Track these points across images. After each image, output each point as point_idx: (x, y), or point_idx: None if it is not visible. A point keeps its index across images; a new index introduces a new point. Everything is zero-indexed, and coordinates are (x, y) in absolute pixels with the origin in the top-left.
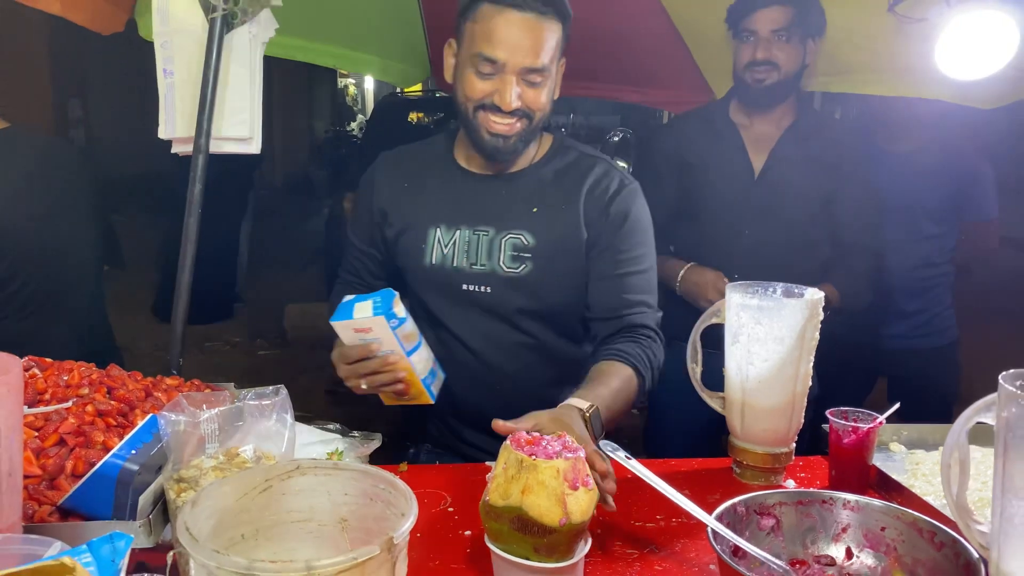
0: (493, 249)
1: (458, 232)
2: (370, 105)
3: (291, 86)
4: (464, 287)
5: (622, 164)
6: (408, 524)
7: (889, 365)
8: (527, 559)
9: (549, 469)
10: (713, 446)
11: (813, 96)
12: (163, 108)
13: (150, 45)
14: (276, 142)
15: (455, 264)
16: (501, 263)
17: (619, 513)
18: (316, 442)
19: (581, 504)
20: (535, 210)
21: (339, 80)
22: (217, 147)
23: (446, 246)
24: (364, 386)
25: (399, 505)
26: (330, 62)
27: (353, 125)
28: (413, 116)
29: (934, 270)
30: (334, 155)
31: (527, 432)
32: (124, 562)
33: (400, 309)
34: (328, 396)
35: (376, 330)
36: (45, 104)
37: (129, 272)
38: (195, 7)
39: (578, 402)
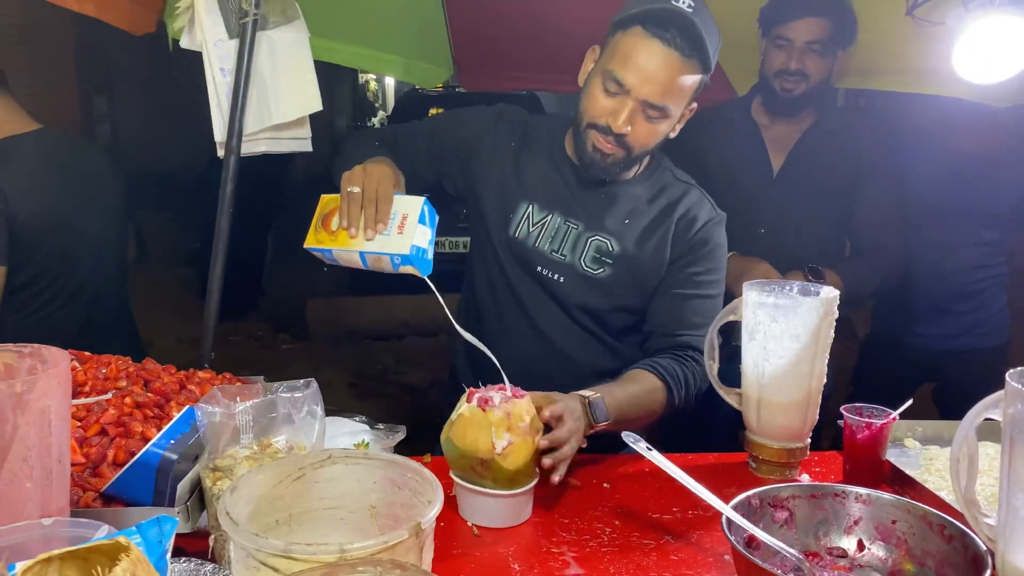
0: (579, 244)
1: (550, 216)
2: (391, 100)
3: None
4: (538, 268)
5: None
6: (435, 511)
7: (937, 365)
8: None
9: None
10: (729, 442)
11: (836, 95)
12: (219, 109)
13: (176, 43)
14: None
15: (537, 245)
16: (582, 260)
17: (638, 504)
18: (343, 434)
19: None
20: (627, 222)
21: (360, 76)
22: (274, 146)
23: (533, 225)
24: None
25: (426, 493)
26: (353, 62)
27: (374, 120)
28: (434, 111)
29: (987, 271)
30: None
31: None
32: (170, 544)
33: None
34: (351, 389)
35: (404, 208)
36: (71, 100)
37: (153, 267)
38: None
39: (584, 392)
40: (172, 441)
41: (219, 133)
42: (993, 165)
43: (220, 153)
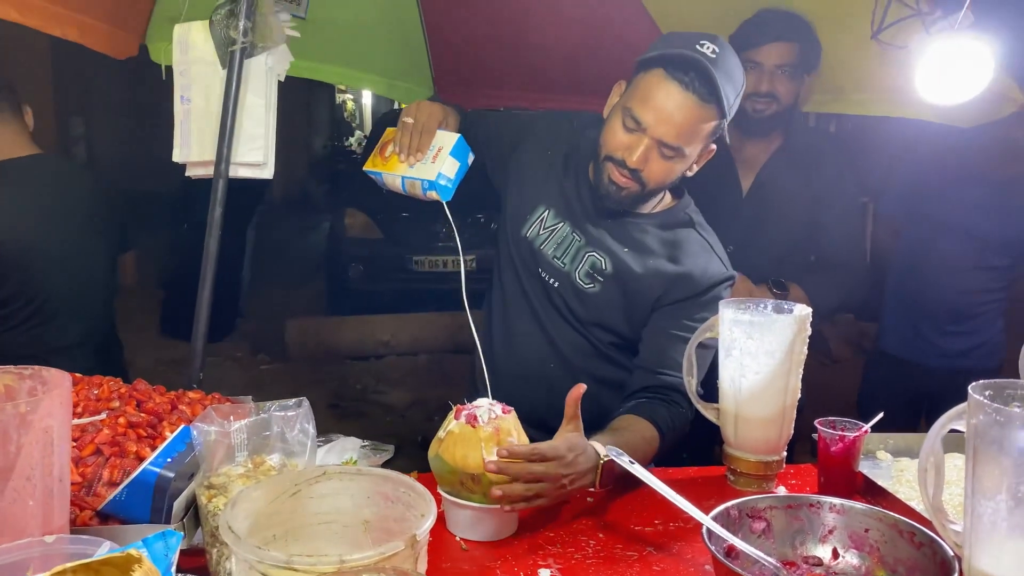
0: (577, 257)
1: (561, 224)
2: (368, 120)
3: (289, 101)
4: (540, 270)
5: None
6: (429, 523)
7: (933, 385)
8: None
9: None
10: (706, 456)
11: (806, 117)
12: (179, 133)
13: (155, 67)
14: (275, 157)
15: (542, 248)
16: (577, 273)
17: (621, 517)
18: (333, 452)
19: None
20: (627, 251)
21: (337, 95)
22: (232, 171)
23: (545, 228)
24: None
25: (419, 507)
26: (334, 79)
27: (351, 140)
28: None
29: (991, 295)
30: (332, 170)
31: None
32: (175, 557)
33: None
34: (331, 410)
35: (441, 142)
36: (47, 122)
37: (131, 288)
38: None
39: (600, 447)
40: (169, 460)
41: (176, 155)
42: (1001, 189)
43: (188, 173)
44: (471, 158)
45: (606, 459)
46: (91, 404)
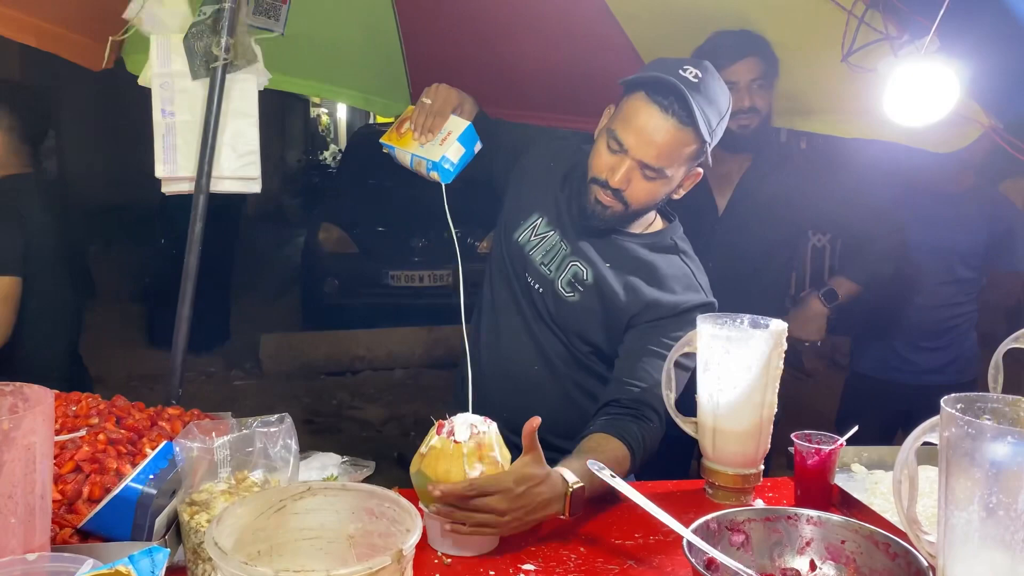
0: (561, 265)
1: (551, 232)
2: (343, 134)
3: (263, 115)
4: (526, 274)
5: None
6: (415, 538)
7: (910, 403)
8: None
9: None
10: (684, 469)
11: (778, 133)
12: (161, 148)
13: (130, 78)
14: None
15: (531, 252)
16: (560, 281)
17: (602, 531)
18: (312, 468)
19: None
20: (609, 266)
21: (312, 109)
22: (220, 185)
23: (535, 235)
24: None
25: (404, 522)
26: (311, 92)
27: (326, 154)
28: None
29: (961, 308)
30: (307, 184)
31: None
32: (161, 573)
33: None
34: (307, 425)
35: (452, 127)
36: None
37: (102, 302)
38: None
39: (568, 474)
40: (151, 476)
41: (158, 171)
42: (964, 204)
43: (164, 189)
44: (478, 147)
45: (575, 487)
46: (69, 421)
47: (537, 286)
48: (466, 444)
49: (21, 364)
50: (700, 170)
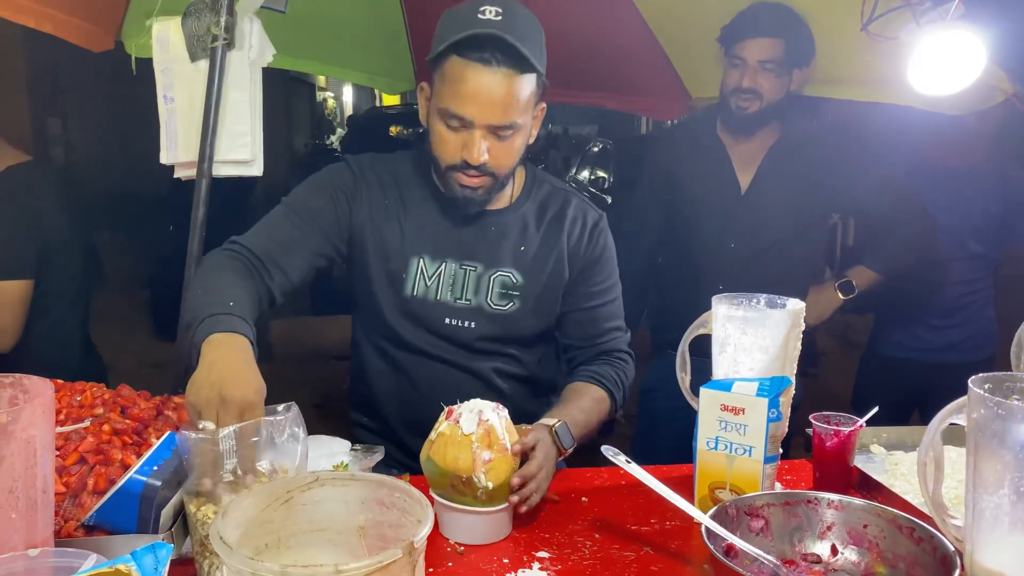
0: (481, 286)
1: (444, 265)
2: (348, 117)
3: (269, 100)
4: (447, 320)
5: (602, 174)
6: (426, 529)
7: (926, 381)
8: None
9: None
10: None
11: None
12: (164, 134)
13: (139, 63)
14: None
15: (438, 297)
16: (489, 300)
17: (617, 517)
18: (321, 455)
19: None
20: (523, 248)
21: (318, 94)
22: (218, 170)
23: (430, 278)
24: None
25: (415, 512)
26: (315, 71)
27: (332, 138)
28: (394, 129)
29: (977, 284)
30: (314, 169)
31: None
32: (165, 570)
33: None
34: (316, 410)
35: (750, 413)
36: (23, 122)
37: (111, 290)
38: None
39: (547, 420)
40: (155, 468)
41: (163, 157)
42: (976, 178)
43: (177, 174)
44: None
45: (556, 425)
46: (74, 411)
47: (467, 323)
48: (476, 431)
49: (34, 356)
50: (544, 104)
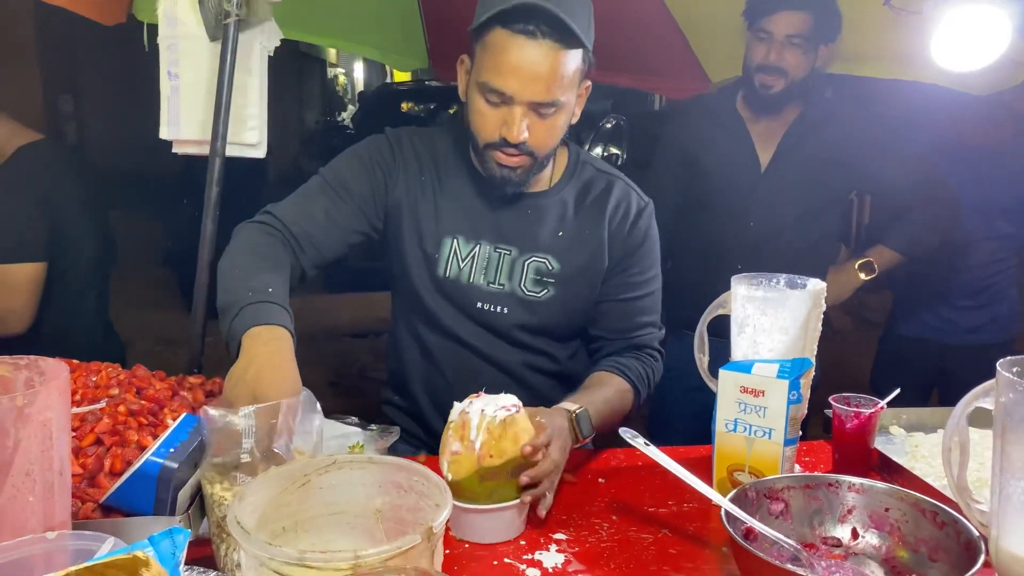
0: (515, 270)
1: (478, 247)
2: (359, 94)
3: (280, 76)
4: (479, 305)
5: (615, 151)
6: (445, 514)
7: (947, 362)
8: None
9: (522, 417)
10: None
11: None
12: (166, 109)
13: (152, 40)
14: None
15: (471, 280)
16: (522, 286)
17: (634, 499)
18: (336, 436)
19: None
20: (560, 234)
21: (329, 70)
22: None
23: (463, 260)
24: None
25: (433, 496)
26: (327, 43)
27: (344, 115)
28: (405, 105)
29: (1002, 265)
30: (325, 146)
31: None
32: (183, 555)
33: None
34: (331, 388)
35: (770, 395)
36: (35, 98)
37: (126, 268)
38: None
39: (568, 404)
40: (172, 449)
41: (163, 132)
42: (1005, 157)
43: (175, 150)
44: None
45: (577, 410)
46: (89, 392)
47: (499, 308)
48: (453, 419)
49: (49, 338)
50: (589, 83)
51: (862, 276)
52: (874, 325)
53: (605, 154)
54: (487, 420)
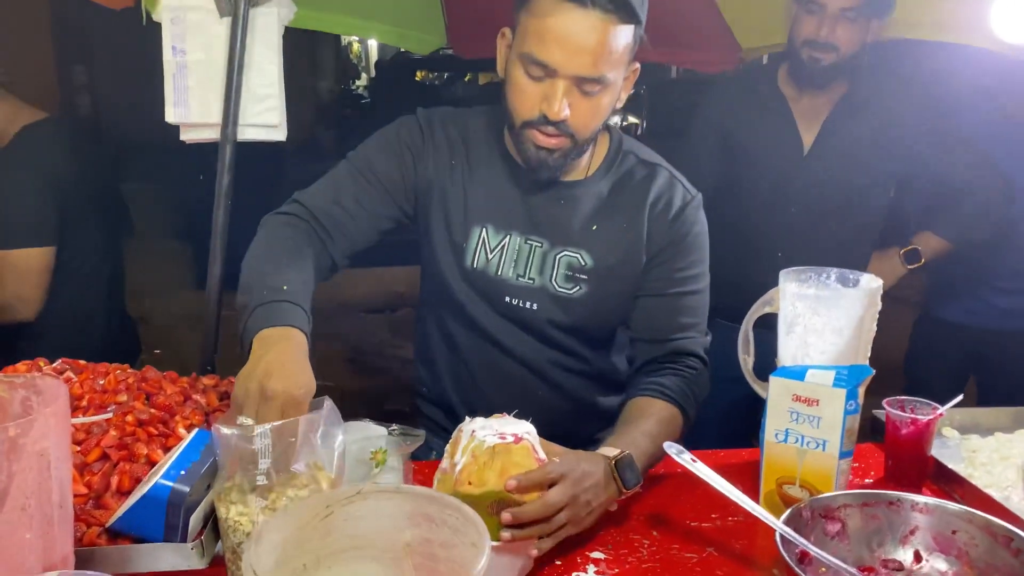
0: (546, 264)
1: (508, 238)
2: (374, 63)
3: (293, 45)
4: (507, 299)
5: (634, 120)
6: (485, 558)
7: (985, 346)
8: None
9: (521, 450)
10: (749, 432)
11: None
12: (172, 89)
13: (149, 15)
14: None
15: (500, 273)
16: (553, 281)
17: (675, 512)
18: (358, 440)
19: None
20: (595, 228)
21: (343, 37)
22: (241, 133)
23: (492, 251)
24: None
25: (468, 533)
26: (340, 30)
27: (358, 83)
28: (420, 74)
29: None
30: (340, 115)
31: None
32: None
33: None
34: (349, 364)
35: (825, 405)
36: (47, 69)
37: (141, 241)
38: None
39: (608, 450)
40: (183, 471)
41: (169, 115)
42: None
43: (183, 136)
44: None
45: (617, 456)
46: (96, 396)
47: (529, 304)
48: (528, 443)
49: (60, 324)
50: (638, 65)
51: (906, 266)
52: (905, 303)
53: (623, 123)
54: (474, 444)
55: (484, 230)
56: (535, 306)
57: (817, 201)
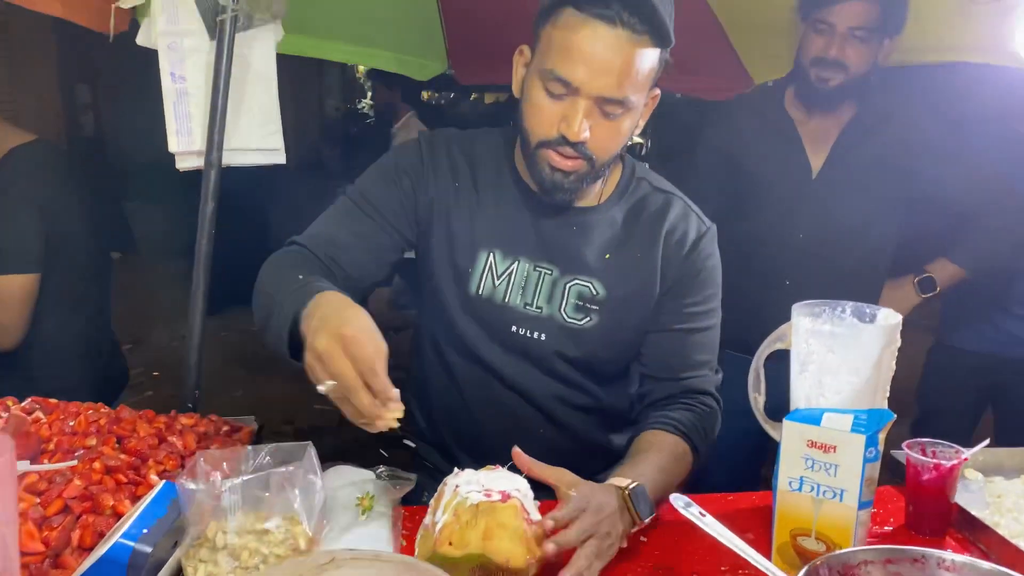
0: (555, 293)
1: (516, 264)
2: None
3: (298, 64)
4: (513, 329)
5: (639, 140)
6: None
7: (1002, 375)
8: None
9: (509, 509)
10: (754, 475)
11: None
12: (173, 117)
13: (138, 38)
14: (286, 123)
15: (507, 300)
16: (563, 311)
17: (682, 561)
18: (346, 484)
19: (538, 535)
20: (607, 256)
21: None
22: (242, 158)
23: (499, 277)
24: None
25: None
26: (339, 57)
27: (364, 102)
28: (425, 95)
29: None
30: (345, 133)
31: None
32: None
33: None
34: None
35: (843, 452)
36: (52, 89)
37: (142, 260)
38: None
39: (619, 480)
40: (145, 530)
41: (172, 144)
42: None
43: (178, 165)
44: None
45: (630, 487)
46: (65, 440)
47: (536, 334)
48: (517, 502)
49: (42, 355)
50: (658, 91)
51: (919, 294)
52: (917, 329)
53: (628, 143)
54: (457, 501)
55: (491, 255)
56: (543, 336)
57: (826, 227)
